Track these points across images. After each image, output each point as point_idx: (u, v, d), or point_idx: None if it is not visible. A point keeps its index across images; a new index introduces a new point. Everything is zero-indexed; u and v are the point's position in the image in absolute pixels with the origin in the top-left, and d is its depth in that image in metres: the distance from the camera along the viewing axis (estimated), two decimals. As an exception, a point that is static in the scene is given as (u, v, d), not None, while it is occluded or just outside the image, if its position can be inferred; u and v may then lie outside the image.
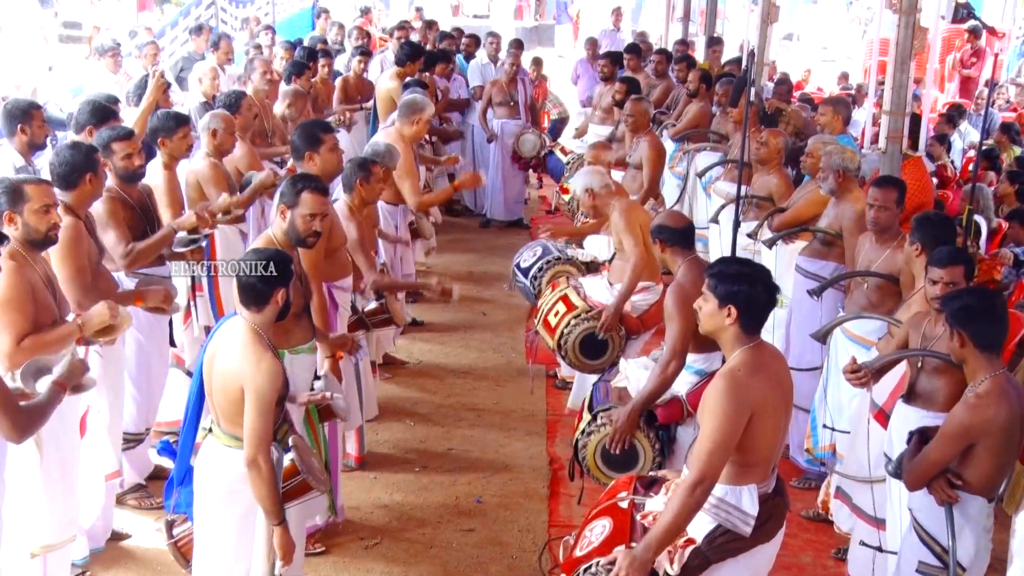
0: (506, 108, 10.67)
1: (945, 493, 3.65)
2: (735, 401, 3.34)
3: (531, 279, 6.55)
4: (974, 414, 3.58)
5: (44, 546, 4.12)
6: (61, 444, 4.08)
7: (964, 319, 3.62)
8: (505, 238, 10.57)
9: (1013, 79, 14.54)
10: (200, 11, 12.44)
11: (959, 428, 3.61)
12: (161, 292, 4.76)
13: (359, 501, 5.49)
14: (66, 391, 3.59)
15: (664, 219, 4.76)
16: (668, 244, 4.64)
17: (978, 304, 3.66)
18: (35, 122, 5.57)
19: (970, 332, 3.62)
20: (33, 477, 4.03)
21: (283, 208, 4.27)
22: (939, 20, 9.52)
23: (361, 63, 9.98)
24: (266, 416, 3.55)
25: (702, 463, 3.33)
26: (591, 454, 4.55)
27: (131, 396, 5.13)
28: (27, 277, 3.91)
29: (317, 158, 5.14)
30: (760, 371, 3.42)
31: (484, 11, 26.87)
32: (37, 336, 3.92)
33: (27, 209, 3.92)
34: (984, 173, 8.18)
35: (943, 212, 6.69)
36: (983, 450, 3.60)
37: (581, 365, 5.65)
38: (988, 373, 3.62)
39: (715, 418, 3.34)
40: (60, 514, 4.15)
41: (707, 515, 3.48)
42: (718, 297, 3.47)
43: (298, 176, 4.45)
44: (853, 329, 5.19)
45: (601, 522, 3.71)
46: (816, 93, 13.56)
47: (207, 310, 5.77)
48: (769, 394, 3.43)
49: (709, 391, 3.44)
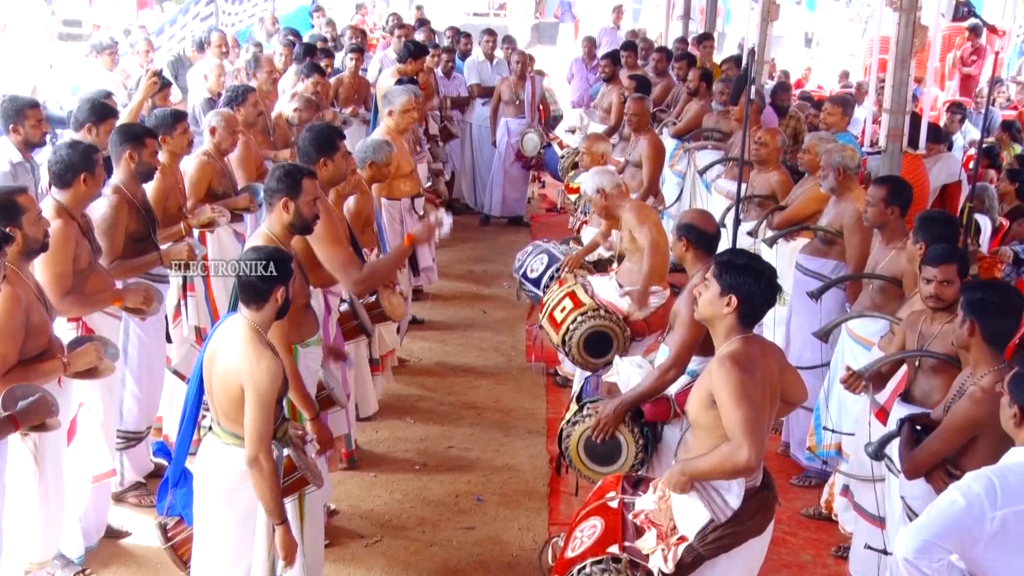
0: (513, 107, 10.67)
1: (944, 483, 3.65)
2: (747, 368, 3.37)
3: (543, 289, 6.47)
4: (980, 407, 3.60)
5: (38, 563, 4.11)
6: (58, 458, 4.07)
7: (980, 310, 3.68)
8: (505, 236, 10.57)
9: (1013, 77, 14.52)
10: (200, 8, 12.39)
11: (965, 421, 3.64)
12: (140, 293, 4.70)
13: (359, 499, 5.48)
14: (19, 429, 3.56)
15: (695, 219, 4.59)
16: (693, 245, 4.49)
17: (997, 299, 3.71)
18: (28, 121, 5.54)
19: (982, 324, 3.67)
20: (31, 493, 4.02)
21: (285, 201, 4.18)
22: (939, 18, 9.52)
23: (353, 59, 9.75)
24: (267, 414, 3.54)
25: (747, 444, 3.30)
26: (574, 444, 4.51)
27: (132, 393, 5.12)
28: (22, 301, 3.85)
29: (331, 165, 4.98)
30: (757, 361, 3.46)
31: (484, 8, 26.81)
32: (23, 369, 3.87)
33: (26, 221, 3.90)
34: (984, 171, 8.18)
35: (946, 211, 6.68)
36: (985, 442, 3.62)
37: (585, 362, 5.63)
38: (991, 367, 3.65)
39: (738, 397, 3.33)
40: (54, 529, 4.14)
41: (697, 499, 3.49)
42: (721, 285, 3.51)
43: (290, 167, 4.34)
44: (856, 329, 5.18)
45: (591, 522, 3.71)
46: (816, 91, 13.55)
47: (197, 310, 5.72)
48: (766, 384, 3.46)
49: (714, 376, 3.44)
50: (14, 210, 3.87)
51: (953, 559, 2.95)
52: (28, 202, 3.94)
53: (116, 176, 4.97)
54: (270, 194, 4.23)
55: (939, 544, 2.90)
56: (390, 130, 6.78)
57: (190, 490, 3.88)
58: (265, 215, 4.30)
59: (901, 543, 2.96)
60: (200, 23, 12.10)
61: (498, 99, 10.69)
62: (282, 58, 9.20)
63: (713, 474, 3.44)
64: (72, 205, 4.46)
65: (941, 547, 2.90)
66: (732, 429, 3.35)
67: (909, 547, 2.92)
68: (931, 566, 2.90)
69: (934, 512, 2.96)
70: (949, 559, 2.93)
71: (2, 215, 3.83)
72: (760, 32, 9.53)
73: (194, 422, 3.91)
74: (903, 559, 2.94)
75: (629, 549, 3.56)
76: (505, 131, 10.67)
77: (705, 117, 9.35)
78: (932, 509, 2.99)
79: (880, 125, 6.59)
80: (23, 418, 3.55)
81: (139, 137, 4.99)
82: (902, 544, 2.95)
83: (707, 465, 3.42)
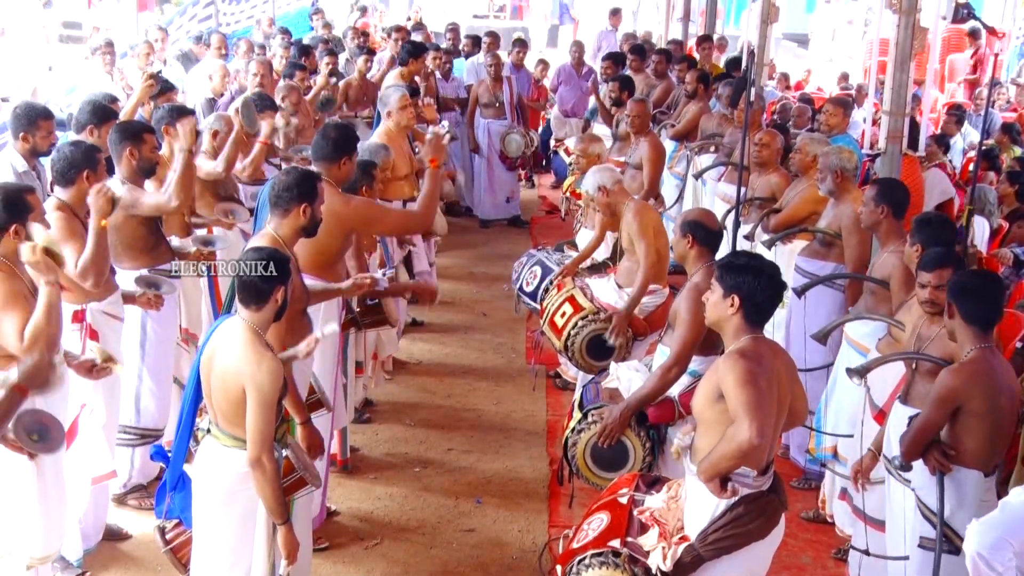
0: (492, 109, 10.66)
1: (938, 462, 3.81)
2: (754, 364, 3.40)
3: (539, 302, 6.47)
4: (957, 376, 3.77)
5: (40, 558, 4.11)
6: (58, 456, 4.06)
7: (957, 293, 3.84)
8: (505, 238, 10.57)
9: (1013, 79, 14.52)
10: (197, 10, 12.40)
11: (943, 390, 3.79)
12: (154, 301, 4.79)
13: (359, 502, 5.49)
14: (26, 395, 3.56)
15: (701, 217, 4.66)
16: (698, 243, 4.51)
17: (972, 282, 3.87)
18: (40, 132, 5.40)
19: (959, 305, 3.81)
20: (29, 488, 4.01)
21: (304, 207, 4.17)
22: (939, 20, 9.52)
23: (367, 62, 9.75)
24: (269, 415, 3.55)
25: (748, 418, 3.32)
26: (581, 452, 4.52)
27: (149, 390, 5.10)
28: (17, 290, 3.85)
29: (349, 164, 4.99)
30: (766, 359, 3.48)
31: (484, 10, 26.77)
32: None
33: (32, 219, 3.90)
34: (984, 173, 8.18)
35: (942, 214, 6.69)
36: (969, 416, 3.76)
37: (588, 366, 5.63)
38: (974, 345, 3.79)
39: (743, 381, 3.35)
40: (56, 525, 4.13)
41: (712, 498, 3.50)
42: (723, 287, 3.55)
43: (305, 173, 4.34)
44: (851, 334, 5.19)
45: (599, 516, 3.76)
46: (816, 93, 13.54)
47: (187, 312, 5.68)
48: (775, 383, 3.47)
49: (723, 367, 3.45)
50: (24, 206, 3.89)
51: None
52: (35, 202, 3.97)
53: (119, 174, 4.98)
54: (285, 200, 4.17)
55: (1010, 541, 2.94)
56: (390, 131, 6.79)
57: (188, 493, 3.88)
58: (271, 218, 4.24)
59: (973, 538, 3.00)
60: (198, 24, 12.13)
61: (475, 102, 10.68)
62: (282, 60, 9.20)
63: (724, 462, 3.42)
64: (75, 203, 4.47)
65: (1011, 544, 2.94)
66: (736, 410, 3.36)
67: (984, 542, 2.95)
68: (1004, 563, 2.92)
69: (1008, 510, 3.01)
70: (1015, 564, 2.96)
71: (10, 209, 3.86)
72: (760, 34, 9.52)
73: (191, 425, 3.90)
74: (976, 553, 2.97)
75: (630, 545, 3.58)
76: (486, 133, 10.67)
77: (704, 119, 9.31)
78: (1005, 507, 3.04)
79: (879, 127, 6.59)
80: (26, 380, 3.53)
81: (137, 133, 5.00)
82: (975, 539, 2.99)
83: (717, 455, 3.42)
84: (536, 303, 6.44)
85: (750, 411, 3.31)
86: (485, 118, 10.69)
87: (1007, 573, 2.97)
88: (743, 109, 6.75)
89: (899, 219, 5.10)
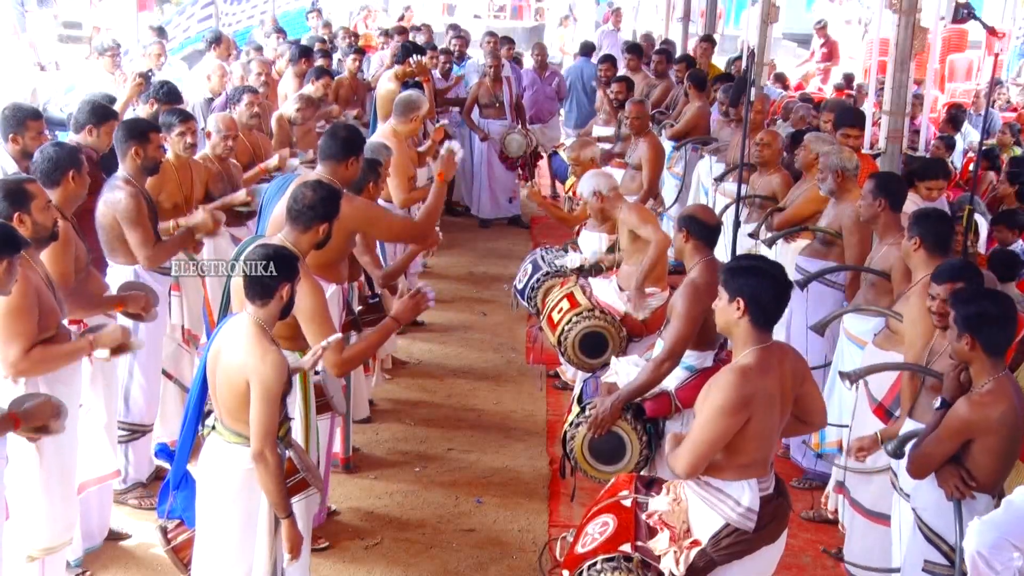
0: (492, 109, 10.65)
1: (959, 490, 3.61)
2: (738, 396, 3.38)
3: (527, 300, 6.57)
4: (975, 411, 3.57)
5: (43, 549, 4.11)
6: (62, 445, 4.06)
7: (977, 325, 3.55)
8: (505, 238, 10.57)
9: (1014, 79, 14.53)
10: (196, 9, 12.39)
11: (959, 423, 3.61)
12: (142, 299, 4.72)
13: (359, 501, 5.48)
14: (19, 427, 3.56)
15: (696, 212, 4.68)
16: (693, 236, 4.52)
17: (993, 310, 3.58)
18: (29, 132, 5.30)
19: (982, 339, 3.55)
20: (33, 478, 4.02)
21: (325, 225, 4.16)
22: (939, 20, 9.52)
23: (356, 61, 9.74)
24: (272, 409, 3.56)
25: (688, 455, 3.44)
26: (579, 445, 4.54)
27: (139, 385, 5.12)
28: (33, 282, 3.88)
29: (355, 165, 4.99)
30: (769, 372, 3.46)
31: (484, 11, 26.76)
32: (47, 348, 3.91)
33: (34, 207, 3.95)
34: (984, 173, 8.19)
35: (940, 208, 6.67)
36: (981, 447, 3.60)
37: (581, 363, 5.64)
38: (992, 375, 3.59)
39: (713, 411, 3.39)
40: (60, 516, 4.13)
41: (713, 511, 3.49)
42: (728, 291, 3.53)
43: (333, 190, 4.31)
44: (850, 328, 5.20)
45: (603, 519, 3.72)
46: (817, 94, 13.54)
47: (183, 309, 5.70)
48: (776, 394, 3.48)
49: (715, 382, 3.46)
50: (23, 196, 3.91)
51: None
52: (37, 190, 3.99)
53: (123, 170, 5.00)
54: (308, 217, 4.13)
55: (1012, 541, 2.91)
56: (398, 134, 6.80)
57: (191, 493, 3.88)
58: (288, 228, 4.18)
59: (974, 536, 2.96)
60: (198, 24, 12.10)
61: (474, 102, 10.67)
62: (285, 60, 9.19)
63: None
64: (62, 203, 4.43)
65: (1013, 544, 2.91)
66: (692, 430, 3.49)
67: (984, 542, 2.92)
68: (1004, 563, 2.90)
69: (1012, 509, 2.98)
70: (1015, 565, 2.94)
71: (12, 201, 3.88)
72: (760, 34, 9.53)
73: (196, 424, 3.90)
74: (976, 552, 2.94)
75: (641, 549, 3.56)
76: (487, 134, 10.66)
77: (720, 127, 9.21)
78: (1008, 507, 3.01)
79: (880, 127, 6.60)
80: (24, 417, 3.55)
81: (143, 132, 5.03)
82: (975, 538, 2.95)
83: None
84: (524, 300, 6.51)
85: (694, 445, 3.44)
86: (485, 118, 10.69)
87: (1005, 573, 2.96)
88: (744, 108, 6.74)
89: (896, 212, 5.13)
